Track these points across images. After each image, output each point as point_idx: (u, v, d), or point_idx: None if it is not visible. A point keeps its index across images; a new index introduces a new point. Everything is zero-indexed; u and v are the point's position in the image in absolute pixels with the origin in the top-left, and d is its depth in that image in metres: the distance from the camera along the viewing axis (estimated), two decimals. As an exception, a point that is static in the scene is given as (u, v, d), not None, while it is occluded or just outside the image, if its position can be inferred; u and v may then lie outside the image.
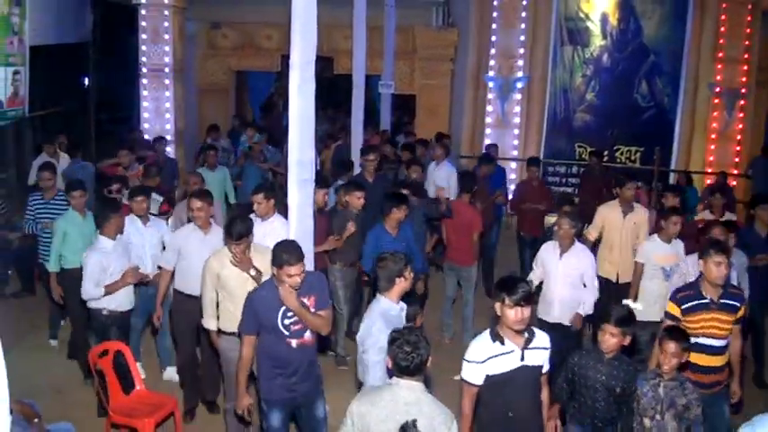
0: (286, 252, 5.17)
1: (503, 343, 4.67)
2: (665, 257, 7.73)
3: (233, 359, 5.86)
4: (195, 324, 6.88)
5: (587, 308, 7.34)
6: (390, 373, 4.24)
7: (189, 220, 7.31)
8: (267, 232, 7.15)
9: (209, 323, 6.30)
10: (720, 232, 7.25)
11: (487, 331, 4.77)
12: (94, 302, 6.94)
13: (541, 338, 4.83)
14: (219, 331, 6.26)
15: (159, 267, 7.35)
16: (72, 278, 7.48)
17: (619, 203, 8.74)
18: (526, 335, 4.70)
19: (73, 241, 7.70)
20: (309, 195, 6.71)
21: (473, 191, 9.46)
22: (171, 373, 7.93)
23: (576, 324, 7.37)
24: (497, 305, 4.62)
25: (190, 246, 6.94)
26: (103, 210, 7.22)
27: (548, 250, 7.57)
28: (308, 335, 5.41)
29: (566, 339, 7.14)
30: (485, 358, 4.67)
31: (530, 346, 4.72)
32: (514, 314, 4.53)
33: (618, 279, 8.55)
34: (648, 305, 7.51)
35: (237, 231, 5.95)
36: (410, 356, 4.02)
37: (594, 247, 8.65)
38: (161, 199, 9.00)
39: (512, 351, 4.67)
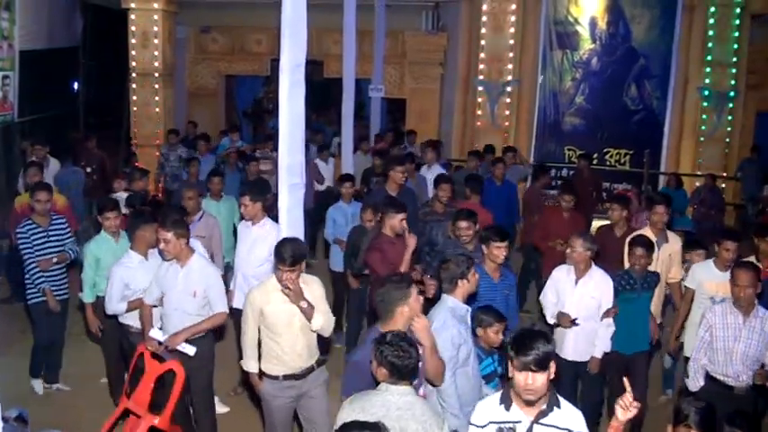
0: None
1: (508, 409, 3.88)
2: (718, 286, 6.85)
3: (278, 408, 5.57)
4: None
5: (603, 346, 6.60)
6: (377, 381, 4.11)
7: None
8: (259, 237, 7.14)
9: (250, 365, 5.68)
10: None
11: (500, 392, 4.04)
12: (121, 318, 6.72)
13: (564, 416, 3.88)
14: (261, 373, 5.65)
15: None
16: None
17: (651, 231, 7.68)
18: (543, 406, 3.83)
19: (108, 268, 6.86)
20: (300, 199, 6.69)
21: (481, 192, 9.42)
22: None
23: (593, 369, 6.67)
24: (510, 364, 3.81)
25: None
26: (133, 224, 6.92)
27: (561, 274, 6.75)
28: None
29: (587, 387, 6.86)
30: (485, 423, 3.94)
31: (543, 420, 3.84)
32: (523, 380, 3.71)
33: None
34: (690, 338, 6.80)
35: (291, 255, 5.23)
36: (405, 362, 3.94)
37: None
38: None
39: (518, 422, 3.86)
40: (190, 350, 5.92)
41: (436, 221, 8.37)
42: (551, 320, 6.70)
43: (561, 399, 3.91)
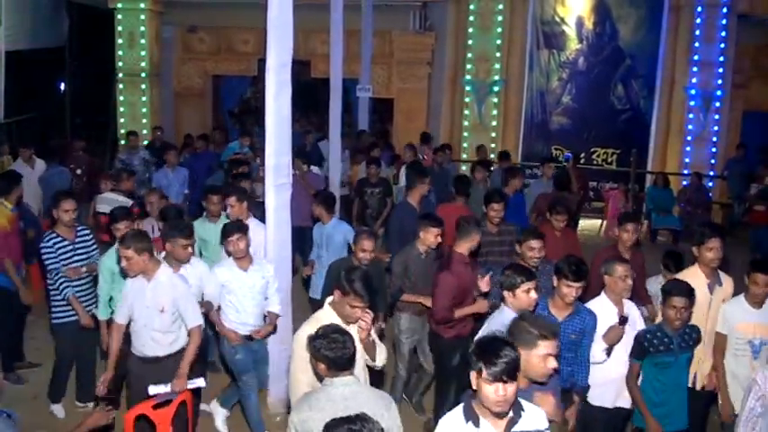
0: None
1: (477, 424, 3.62)
2: (756, 328, 5.68)
3: None
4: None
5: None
6: (320, 377, 4.10)
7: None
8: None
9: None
10: None
11: (461, 406, 3.74)
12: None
13: (531, 418, 3.76)
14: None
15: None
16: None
17: (700, 270, 6.01)
18: (511, 414, 3.65)
19: (121, 281, 6.26)
20: (286, 200, 6.69)
21: (468, 194, 9.31)
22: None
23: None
24: (473, 375, 3.57)
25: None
26: (167, 235, 6.38)
27: (603, 308, 5.54)
28: None
29: None
30: None
31: (514, 429, 3.68)
32: (494, 392, 3.49)
33: (697, 384, 6.01)
34: (737, 396, 5.56)
35: (368, 290, 4.75)
36: (341, 352, 3.90)
37: None
38: (129, 203, 8.82)
39: None
40: (201, 383, 5.77)
41: (488, 243, 7.59)
42: (602, 357, 5.48)
43: (521, 400, 3.72)
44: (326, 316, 4.73)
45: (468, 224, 6.47)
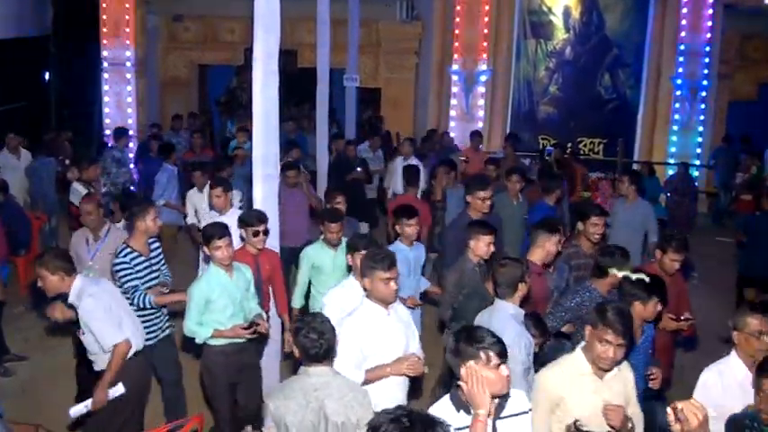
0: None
1: (468, 412, 3.51)
2: None
3: None
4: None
5: None
6: (299, 362, 4.14)
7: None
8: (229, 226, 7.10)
9: None
10: None
11: (447, 397, 3.67)
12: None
13: (516, 400, 3.76)
14: None
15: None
16: (215, 355, 5.78)
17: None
18: (497, 400, 3.58)
19: (220, 309, 5.66)
20: (274, 190, 6.66)
21: (417, 185, 9.29)
22: None
23: None
24: (462, 366, 3.51)
25: None
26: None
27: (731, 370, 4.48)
28: None
29: None
30: None
31: (503, 414, 3.65)
32: (497, 375, 3.48)
33: None
34: None
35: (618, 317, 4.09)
36: (317, 343, 3.94)
37: None
38: (84, 192, 8.70)
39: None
40: (120, 389, 5.23)
41: (583, 263, 6.66)
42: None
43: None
44: (576, 363, 4.20)
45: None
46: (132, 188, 12.11)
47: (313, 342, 3.95)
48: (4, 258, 8.45)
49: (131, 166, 13.26)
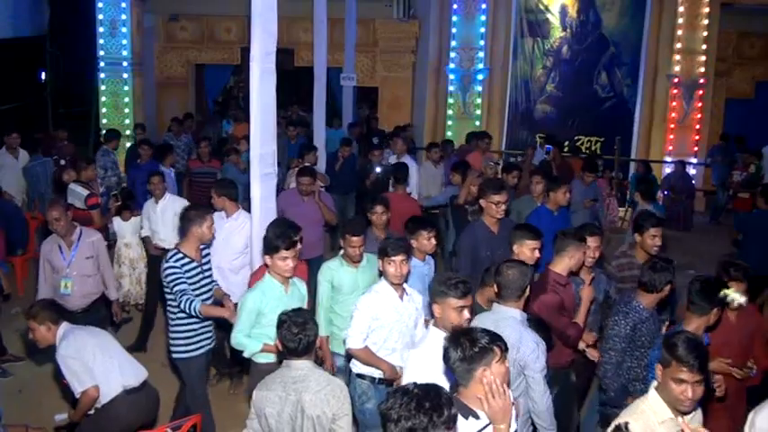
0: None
1: (477, 417, 3.40)
2: None
3: None
4: None
5: None
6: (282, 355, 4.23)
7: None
8: (233, 229, 7.12)
9: None
10: None
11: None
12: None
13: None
14: None
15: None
16: (263, 374, 4.96)
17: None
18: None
19: (270, 324, 4.93)
20: (272, 189, 6.65)
21: (405, 182, 9.07)
22: None
23: None
24: (475, 373, 3.36)
25: None
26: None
27: None
28: None
29: None
30: None
31: None
32: (504, 373, 3.40)
33: None
34: None
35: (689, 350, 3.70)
36: (297, 337, 4.03)
37: None
38: (85, 193, 8.68)
39: (489, 424, 3.40)
40: (63, 417, 5.65)
41: (632, 275, 6.28)
42: None
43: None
44: None
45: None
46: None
47: (294, 336, 4.03)
48: (1, 259, 8.44)
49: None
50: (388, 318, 5.19)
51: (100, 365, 5.26)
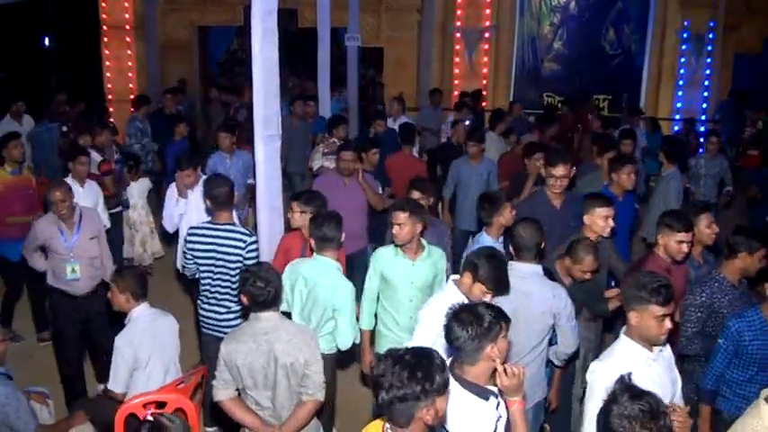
0: None
1: (496, 395, 3.41)
2: None
3: None
4: None
5: None
6: (248, 309, 4.31)
7: None
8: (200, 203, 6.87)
9: None
10: None
11: (458, 385, 3.38)
12: None
13: None
14: None
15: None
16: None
17: None
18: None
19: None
20: (276, 151, 6.56)
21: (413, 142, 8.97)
22: None
23: None
24: (485, 350, 3.33)
25: None
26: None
27: None
28: None
29: None
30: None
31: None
32: (503, 344, 3.39)
33: None
34: None
35: None
36: (265, 291, 4.13)
37: None
38: (99, 159, 8.64)
39: (497, 404, 3.44)
40: None
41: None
42: None
43: None
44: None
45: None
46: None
47: (261, 290, 4.12)
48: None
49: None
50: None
51: (144, 376, 5.07)
